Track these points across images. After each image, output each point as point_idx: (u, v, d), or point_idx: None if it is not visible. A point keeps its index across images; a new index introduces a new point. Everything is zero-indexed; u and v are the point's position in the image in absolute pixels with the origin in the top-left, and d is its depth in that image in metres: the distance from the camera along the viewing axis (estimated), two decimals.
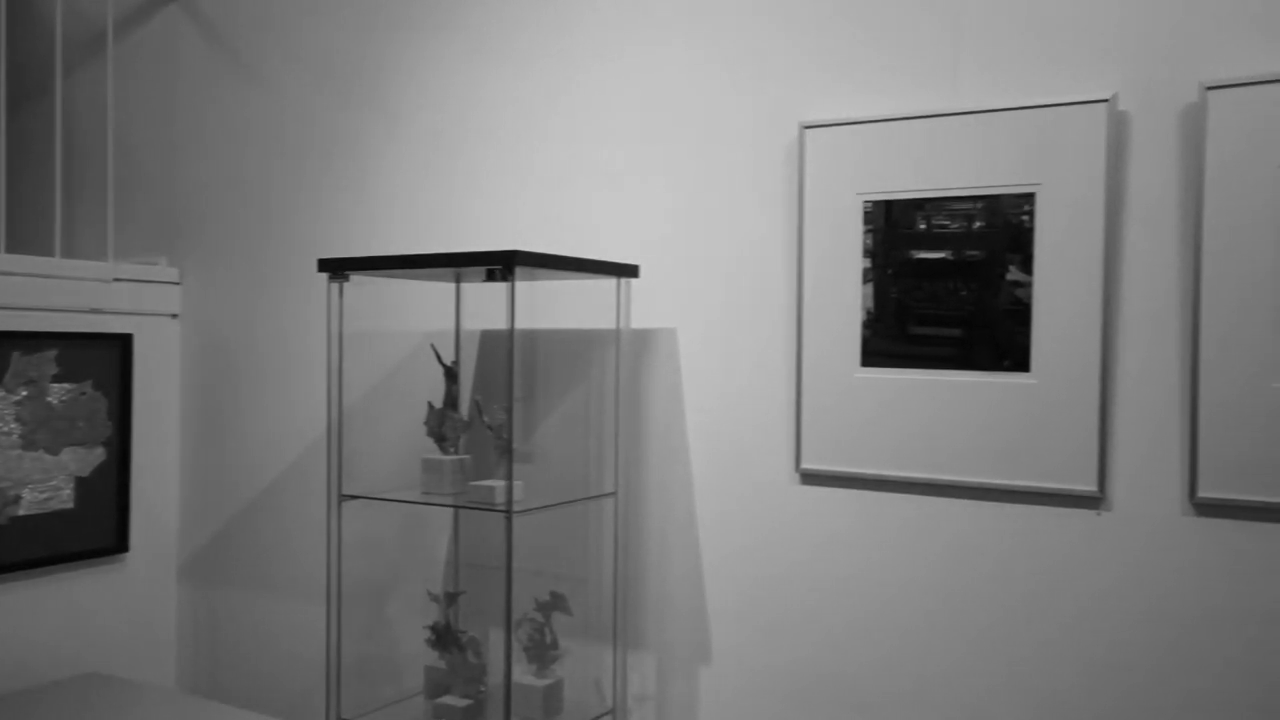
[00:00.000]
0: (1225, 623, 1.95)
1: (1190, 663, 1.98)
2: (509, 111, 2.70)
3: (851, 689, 2.29)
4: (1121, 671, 2.03)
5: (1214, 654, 1.96)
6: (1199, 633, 1.97)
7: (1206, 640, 1.96)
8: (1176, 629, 1.99)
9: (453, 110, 2.78)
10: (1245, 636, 1.93)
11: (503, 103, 2.71)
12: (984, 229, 2.12)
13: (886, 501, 2.25)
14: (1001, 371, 2.11)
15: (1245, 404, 1.90)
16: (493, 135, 2.72)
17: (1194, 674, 1.97)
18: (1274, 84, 1.86)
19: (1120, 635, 2.03)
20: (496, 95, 2.71)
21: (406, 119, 2.85)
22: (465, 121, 2.76)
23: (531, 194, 2.67)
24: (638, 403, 2.54)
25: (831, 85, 2.29)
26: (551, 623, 2.44)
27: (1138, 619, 2.02)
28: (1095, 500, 2.05)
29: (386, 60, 2.89)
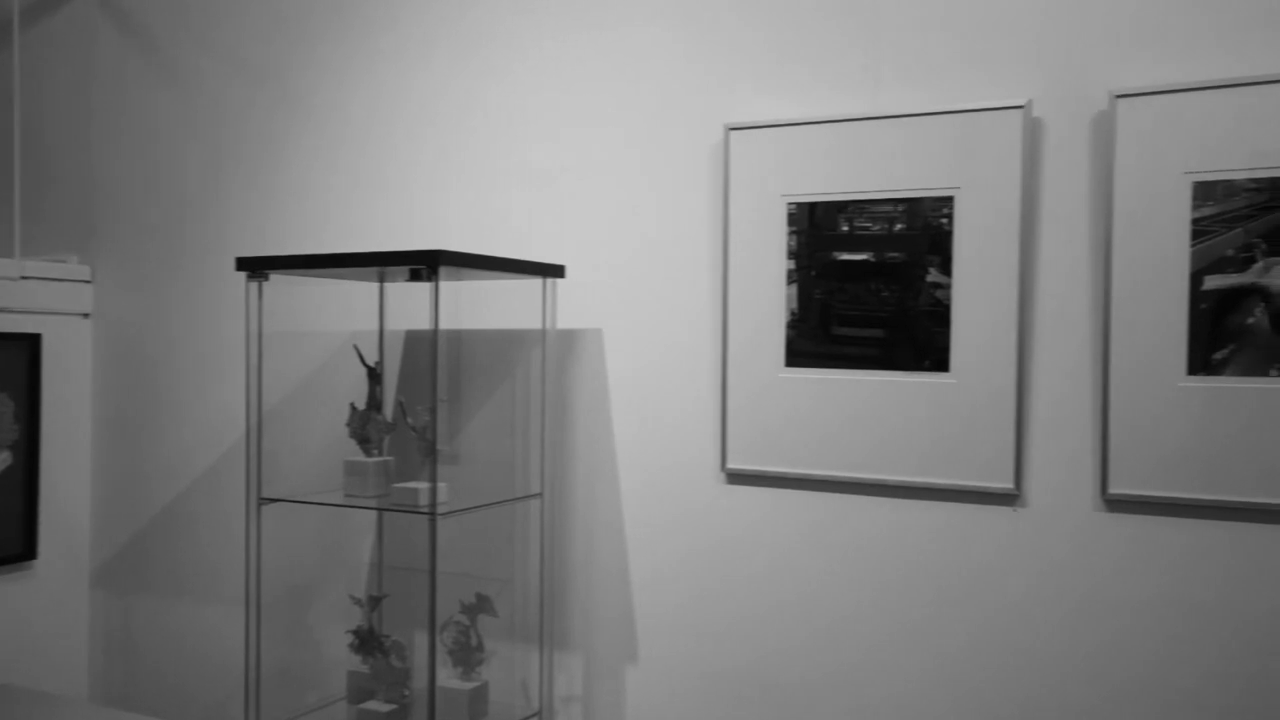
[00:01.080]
0: (1136, 615, 2.01)
1: (1103, 654, 2.03)
2: (434, 110, 2.67)
3: (778, 686, 2.32)
4: (1038, 663, 2.09)
5: (1126, 645, 2.01)
6: (1111, 625, 2.03)
7: (1119, 632, 2.02)
8: (1090, 622, 2.04)
9: (377, 108, 2.74)
10: (1155, 628, 1.99)
11: (428, 101, 2.68)
12: (905, 231, 2.16)
13: (811, 500, 2.28)
14: (922, 371, 2.15)
15: (1153, 403, 1.96)
16: (418, 134, 2.69)
17: (1108, 664, 2.03)
18: (1179, 93, 1.93)
19: (1037, 629, 2.08)
20: (422, 94, 2.68)
21: (329, 117, 2.81)
22: (390, 120, 2.73)
23: (457, 194, 2.64)
24: (564, 403, 2.53)
25: (756, 88, 2.31)
26: (477, 625, 2.42)
27: (1053, 613, 2.07)
28: (1012, 497, 2.10)
29: (309, 57, 2.84)
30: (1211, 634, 1.95)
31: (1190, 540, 1.96)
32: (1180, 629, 1.97)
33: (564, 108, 2.52)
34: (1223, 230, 1.91)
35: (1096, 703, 2.04)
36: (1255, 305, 1.89)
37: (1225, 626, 1.94)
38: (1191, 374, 1.94)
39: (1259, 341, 1.89)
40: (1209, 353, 1.92)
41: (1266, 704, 1.91)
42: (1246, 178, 1.89)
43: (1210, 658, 1.95)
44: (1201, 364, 1.93)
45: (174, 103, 3.04)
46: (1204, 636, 1.96)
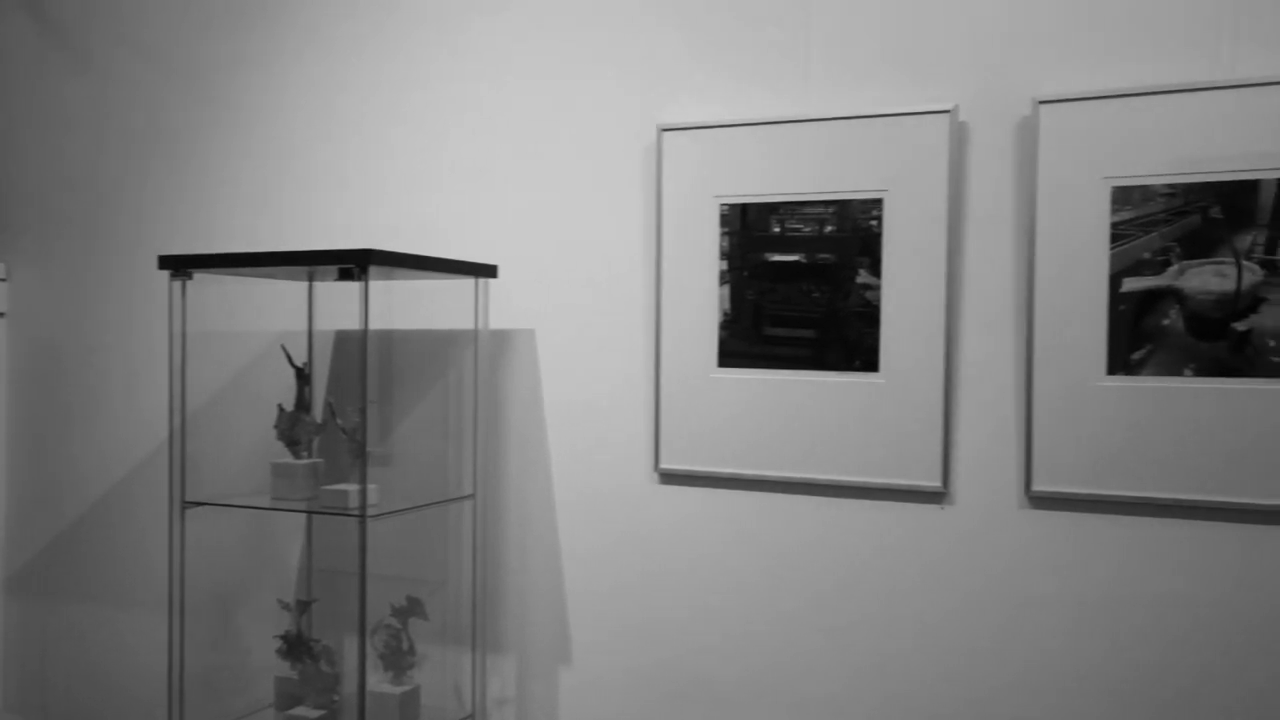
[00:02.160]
0: (1060, 608, 2.05)
1: (1030, 647, 2.08)
2: (366, 108, 2.63)
3: (710, 685, 2.33)
4: (967, 658, 2.12)
5: (1051, 638, 2.06)
6: (1037, 618, 2.07)
7: (1044, 626, 2.07)
8: (1016, 615, 2.09)
9: (307, 104, 2.69)
10: (1078, 621, 2.04)
11: (360, 99, 2.64)
12: (835, 233, 2.18)
13: (743, 499, 2.29)
14: (852, 371, 2.18)
15: (1074, 402, 2.01)
16: (349, 132, 2.65)
17: (1034, 657, 2.08)
18: (1099, 100, 1.98)
19: (965, 624, 2.12)
20: (354, 91, 2.64)
21: (257, 113, 2.75)
22: (321, 117, 2.68)
23: (389, 192, 2.61)
24: (496, 404, 2.51)
25: (689, 89, 2.32)
26: (408, 628, 2.39)
27: (981, 608, 2.11)
28: (939, 495, 2.13)
29: (235, 52, 2.78)
30: (1133, 625, 2.01)
31: (1111, 535, 2.01)
32: (1103, 622, 2.03)
33: (497, 107, 2.50)
34: (1140, 234, 1.96)
35: (1025, 696, 2.08)
36: (1171, 307, 1.94)
37: (1146, 618, 2.00)
38: (1111, 374, 1.99)
39: (1174, 342, 1.94)
40: (1127, 353, 1.98)
41: (1187, 692, 1.97)
42: (1163, 183, 1.94)
43: (1133, 649, 2.01)
44: (1120, 364, 1.98)
45: (90, 94, 2.96)
46: (1126, 628, 2.01)
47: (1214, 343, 1.92)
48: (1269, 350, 1.88)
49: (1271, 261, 1.87)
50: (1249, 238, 1.88)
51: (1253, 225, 1.88)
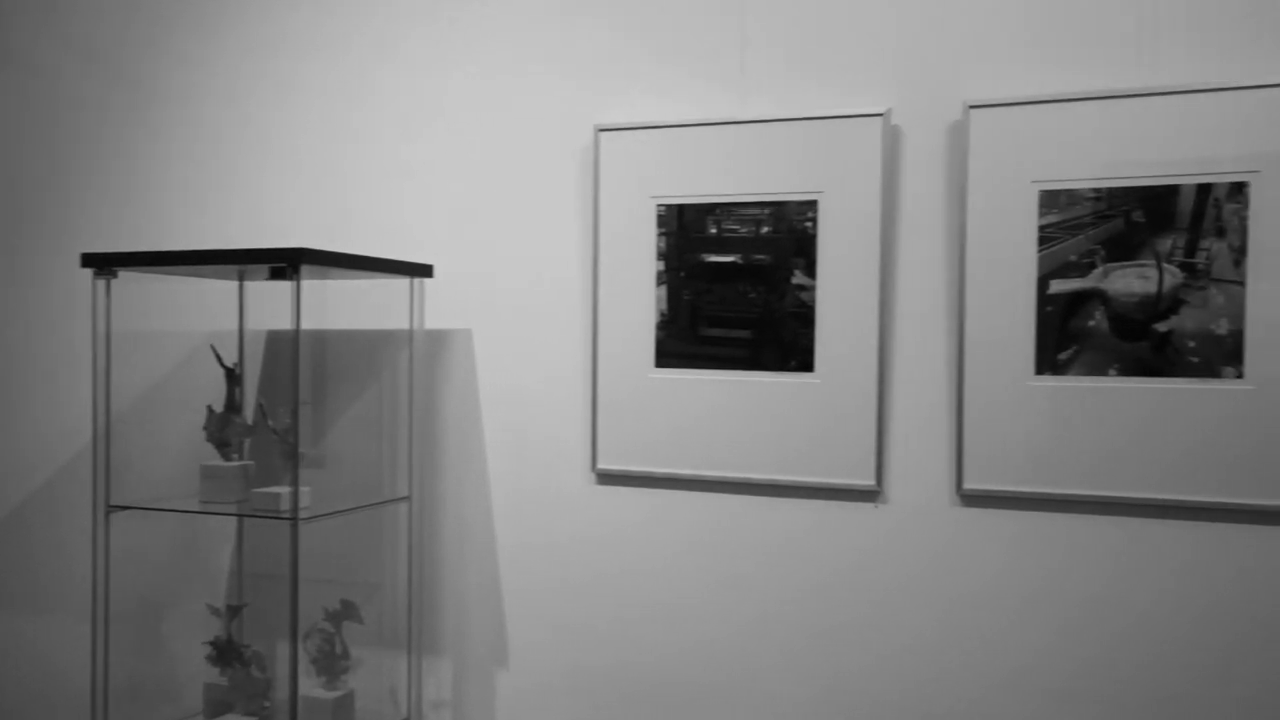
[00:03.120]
0: (991, 605, 2.09)
1: (962, 643, 2.11)
2: (298, 104, 2.59)
3: (650, 686, 2.33)
4: (900, 653, 2.15)
5: (982, 635, 2.10)
6: (969, 615, 2.11)
7: (976, 622, 2.10)
8: (949, 612, 2.12)
9: (239, 101, 2.65)
10: (1010, 618, 2.08)
11: (293, 95, 2.60)
12: (771, 234, 2.20)
13: (681, 500, 2.30)
14: (788, 372, 2.19)
15: (1004, 401, 2.05)
16: (281, 128, 2.61)
17: (968, 653, 2.11)
18: (1027, 105, 2.01)
19: (899, 621, 2.15)
20: (287, 87, 2.60)
21: (187, 108, 2.69)
22: (252, 113, 2.63)
23: (323, 190, 2.57)
24: (432, 405, 2.49)
25: (626, 89, 2.32)
26: (342, 632, 2.36)
27: (915, 605, 2.14)
28: (874, 494, 2.16)
29: (163, 45, 2.71)
30: (1064, 621, 2.05)
31: (1040, 532, 2.05)
32: (1033, 618, 2.07)
33: (433, 105, 2.48)
34: (1067, 237, 2.00)
35: (959, 690, 2.12)
36: (1096, 308, 1.99)
37: (1076, 614, 2.04)
38: (1039, 374, 2.03)
39: (1100, 343, 1.99)
40: (1055, 353, 2.02)
41: (1120, 686, 2.02)
42: (1088, 188, 1.99)
43: (1064, 644, 2.05)
44: (1048, 364, 2.02)
45: (11, 87, 2.87)
46: (1057, 624, 2.05)
47: (1136, 343, 1.96)
48: (1188, 351, 1.93)
49: (1191, 265, 1.92)
50: (1169, 241, 1.93)
51: (1173, 229, 1.93)
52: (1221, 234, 1.90)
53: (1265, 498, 1.90)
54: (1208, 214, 1.91)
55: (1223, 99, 1.90)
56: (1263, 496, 1.90)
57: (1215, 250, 1.91)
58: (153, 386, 2.70)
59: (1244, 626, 1.94)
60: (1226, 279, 1.91)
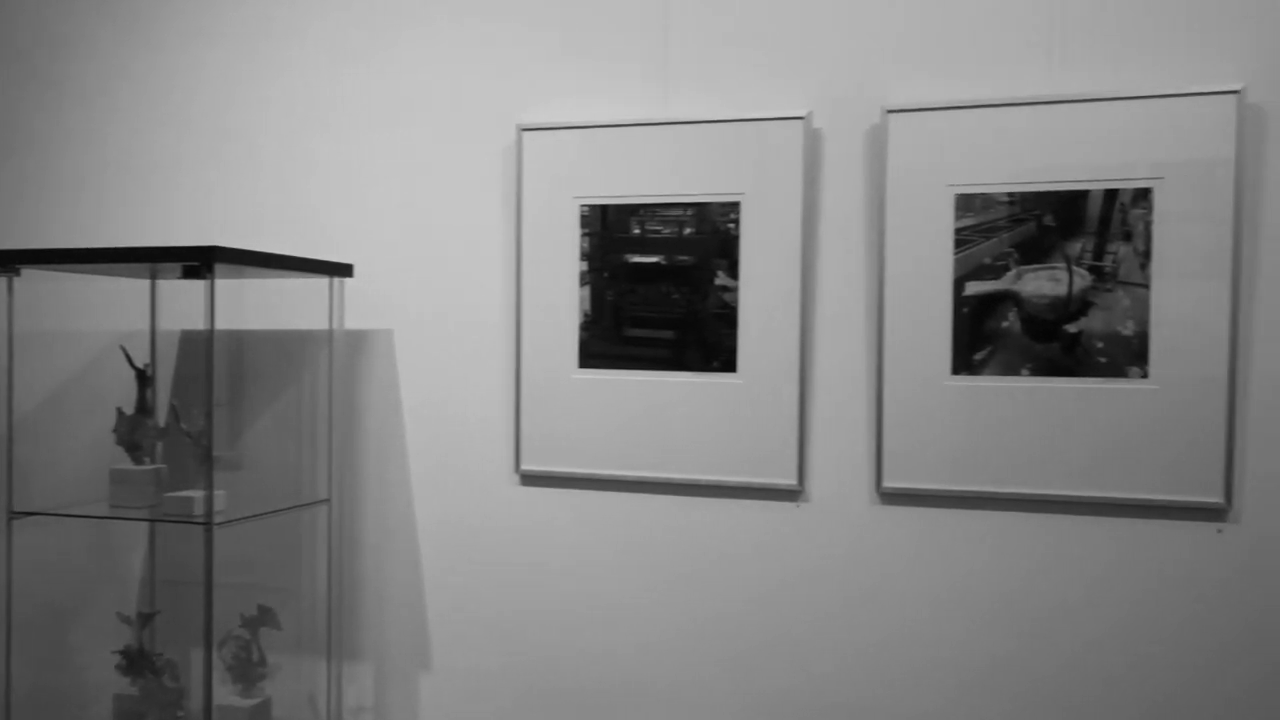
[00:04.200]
0: (910, 601, 2.13)
1: (880, 639, 2.14)
2: (217, 97, 2.53)
3: (575, 687, 2.32)
4: (821, 650, 2.18)
5: (901, 630, 2.13)
6: (889, 611, 2.14)
7: (895, 618, 2.14)
8: (869, 609, 2.15)
9: (152, 93, 2.57)
10: (928, 613, 2.12)
11: (209, 88, 2.54)
12: (694, 235, 2.20)
13: (604, 500, 2.29)
14: (711, 372, 2.20)
15: (922, 401, 2.09)
16: (197, 122, 2.54)
17: (886, 650, 2.14)
18: (944, 110, 2.05)
19: (820, 617, 2.18)
20: (202, 79, 2.54)
21: (97, 100, 2.61)
22: (166, 106, 2.56)
23: (239, 187, 2.51)
24: (353, 406, 2.45)
25: (549, 89, 2.31)
26: (259, 638, 2.31)
27: (836, 602, 2.17)
28: (795, 493, 2.18)
29: (72, 35, 2.63)
30: (980, 616, 2.09)
31: (956, 530, 2.10)
32: (951, 613, 2.11)
33: (353, 103, 2.44)
34: (982, 240, 2.05)
35: (878, 687, 2.15)
36: (1010, 310, 2.03)
37: (992, 609, 2.09)
38: (955, 374, 2.07)
39: (1013, 343, 2.04)
40: (970, 354, 2.06)
41: (1031, 678, 2.07)
42: (1002, 191, 2.03)
43: (980, 637, 2.09)
44: (964, 364, 2.07)
45: None
46: (974, 619, 2.09)
47: (1048, 344, 2.01)
48: (1096, 351, 1.98)
49: (1099, 267, 1.98)
50: (1079, 245, 1.99)
51: (1082, 233, 1.98)
52: (1128, 238, 1.96)
53: (1169, 494, 1.96)
54: (1115, 219, 1.97)
55: (1130, 107, 1.96)
56: (1166, 492, 1.96)
57: (1122, 254, 1.97)
58: (59, 388, 2.62)
59: (1152, 618, 2.01)
60: (1132, 281, 1.96)
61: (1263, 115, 1.92)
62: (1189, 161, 1.93)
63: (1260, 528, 1.95)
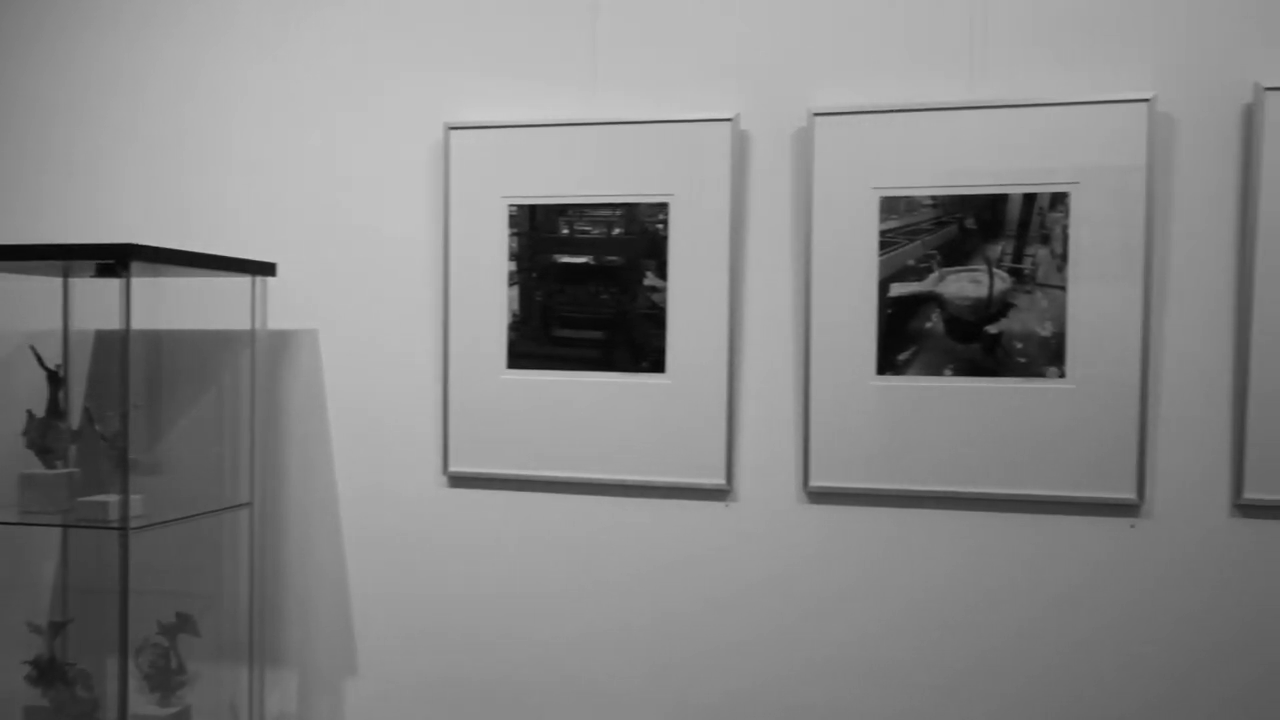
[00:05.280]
0: (836, 598, 2.15)
1: (807, 636, 2.17)
2: (134, 91, 2.46)
3: (504, 690, 2.31)
4: (749, 648, 2.19)
5: (828, 627, 2.16)
6: (816, 608, 2.16)
7: (821, 614, 2.16)
8: (796, 606, 2.17)
9: (66, 87, 2.50)
10: (853, 608, 2.15)
11: (128, 82, 2.47)
12: (623, 236, 2.20)
13: (533, 501, 2.28)
14: (640, 373, 2.21)
15: (848, 401, 2.11)
16: (113, 117, 2.47)
17: (812, 645, 2.17)
18: (869, 114, 2.08)
19: (749, 615, 2.19)
20: (121, 73, 2.47)
21: (7, 94, 2.53)
22: (81, 100, 2.49)
23: (157, 183, 2.45)
24: (276, 408, 2.40)
25: (476, 88, 2.29)
26: (177, 646, 2.26)
27: (764, 599, 2.18)
28: (724, 493, 2.19)
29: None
30: (905, 612, 2.12)
31: (880, 527, 2.13)
32: (876, 609, 2.14)
33: (276, 97, 2.39)
34: (906, 242, 2.08)
35: (806, 684, 2.17)
36: (933, 311, 2.07)
37: (917, 604, 2.12)
38: (880, 374, 2.10)
39: (936, 344, 2.07)
40: (895, 354, 2.09)
41: (956, 672, 2.11)
42: (926, 195, 2.07)
43: (905, 633, 2.13)
44: (889, 364, 2.10)
45: None
46: (898, 615, 2.13)
47: (970, 345, 2.06)
48: (1016, 352, 2.03)
49: (1018, 270, 2.02)
50: (999, 247, 2.03)
51: (1002, 236, 2.03)
52: (1046, 241, 2.01)
53: (1084, 490, 2.02)
54: (1033, 222, 2.02)
55: (1048, 114, 2.01)
56: (1082, 489, 2.02)
57: (1040, 256, 2.02)
58: None
59: (1071, 611, 2.06)
60: (1050, 284, 2.01)
61: (1172, 123, 1.98)
62: (1103, 167, 1.98)
63: (1170, 522, 2.01)
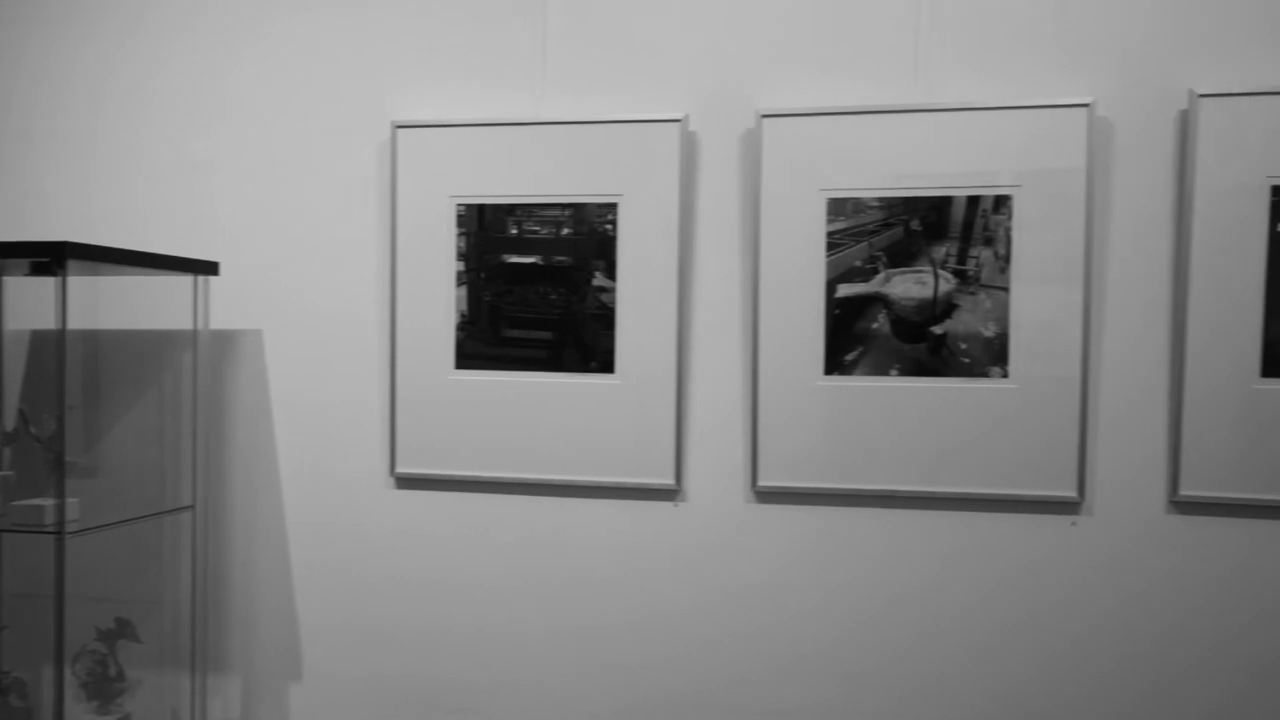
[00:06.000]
0: (783, 595, 2.16)
1: (754, 634, 2.17)
2: (78, 90, 2.41)
3: (452, 693, 2.29)
4: (697, 646, 2.20)
5: (775, 625, 2.17)
6: (763, 607, 2.17)
7: (769, 612, 2.17)
8: (744, 606, 2.18)
9: (5, 85, 2.44)
10: (800, 606, 2.16)
11: (64, 78, 2.41)
12: (572, 236, 2.20)
13: (482, 502, 2.27)
14: (589, 373, 2.20)
15: (796, 400, 2.12)
16: (54, 114, 2.42)
17: (757, 643, 2.17)
18: (815, 116, 2.10)
19: (697, 614, 2.20)
20: (63, 72, 2.41)
21: None
22: (23, 97, 2.43)
23: (96, 181, 2.40)
24: (219, 409, 2.36)
25: (423, 86, 2.27)
26: (116, 653, 2.21)
27: (712, 598, 2.19)
28: (673, 493, 2.20)
29: None
30: (852, 608, 2.14)
31: (829, 526, 2.14)
32: (824, 606, 2.15)
33: (223, 96, 2.36)
34: (852, 243, 2.10)
35: (756, 680, 2.18)
36: (879, 312, 2.09)
37: (864, 601, 2.14)
38: (828, 374, 2.11)
39: (882, 344, 2.09)
40: (842, 354, 2.11)
41: (902, 668, 2.13)
42: (872, 197, 2.09)
43: (853, 630, 2.14)
44: (836, 365, 2.11)
45: None
46: (846, 612, 2.14)
47: (915, 345, 2.08)
48: (960, 352, 2.06)
49: (962, 271, 2.05)
50: (944, 249, 2.06)
51: (946, 238, 2.05)
52: (989, 243, 2.04)
53: (1027, 488, 2.05)
54: (977, 224, 2.04)
55: (991, 118, 2.03)
56: (1025, 487, 2.05)
57: (984, 258, 2.04)
58: None
59: (1014, 608, 2.09)
60: (994, 285, 2.04)
61: (1110, 128, 2.02)
62: (1044, 171, 2.01)
63: (1109, 519, 2.05)
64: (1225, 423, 1.98)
